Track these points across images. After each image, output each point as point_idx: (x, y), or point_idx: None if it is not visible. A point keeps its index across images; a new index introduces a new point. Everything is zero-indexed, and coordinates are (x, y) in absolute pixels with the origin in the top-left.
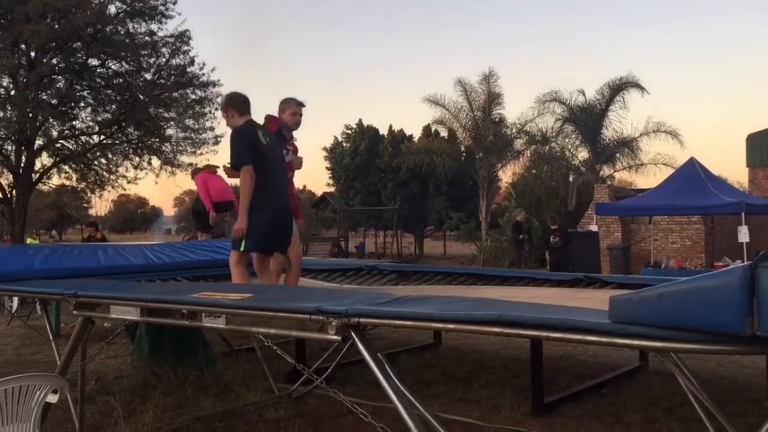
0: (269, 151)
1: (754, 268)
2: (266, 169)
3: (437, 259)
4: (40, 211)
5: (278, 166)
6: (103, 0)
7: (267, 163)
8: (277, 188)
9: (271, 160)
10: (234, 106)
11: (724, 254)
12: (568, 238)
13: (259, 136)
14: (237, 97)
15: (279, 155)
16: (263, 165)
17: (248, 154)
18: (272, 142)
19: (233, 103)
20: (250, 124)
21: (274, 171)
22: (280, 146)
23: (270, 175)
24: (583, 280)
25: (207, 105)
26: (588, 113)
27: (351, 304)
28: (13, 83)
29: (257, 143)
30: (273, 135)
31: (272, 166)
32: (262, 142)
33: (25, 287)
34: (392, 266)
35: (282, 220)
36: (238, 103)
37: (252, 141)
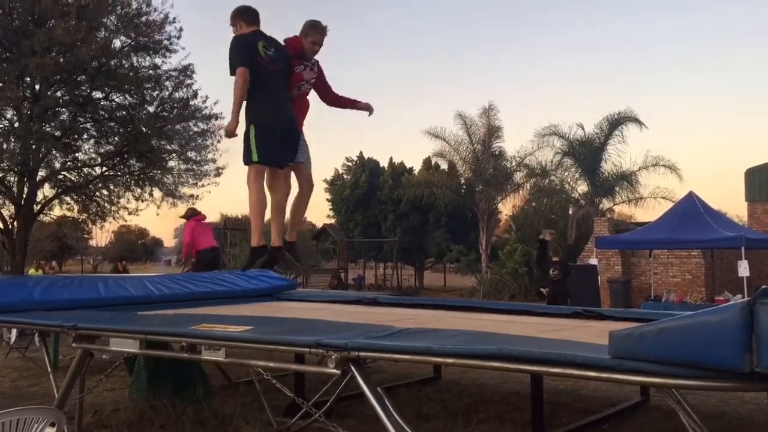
0: (269, 63)
1: (753, 304)
2: (266, 83)
3: (437, 291)
4: (41, 242)
5: (281, 79)
6: (108, 34)
7: (267, 75)
8: (277, 101)
9: (273, 73)
10: (242, 16)
11: (724, 288)
12: (567, 271)
13: (259, 47)
14: (246, 8)
15: (283, 68)
16: (263, 77)
17: (242, 59)
18: (274, 56)
19: (242, 14)
20: (253, 32)
21: (275, 84)
22: (288, 61)
23: (272, 87)
24: (583, 313)
25: (209, 137)
26: (587, 147)
27: (351, 337)
28: (17, 115)
29: (255, 53)
30: (277, 49)
31: (274, 79)
32: (261, 54)
33: (24, 318)
34: (392, 299)
35: (287, 131)
36: (246, 14)
37: (250, 50)
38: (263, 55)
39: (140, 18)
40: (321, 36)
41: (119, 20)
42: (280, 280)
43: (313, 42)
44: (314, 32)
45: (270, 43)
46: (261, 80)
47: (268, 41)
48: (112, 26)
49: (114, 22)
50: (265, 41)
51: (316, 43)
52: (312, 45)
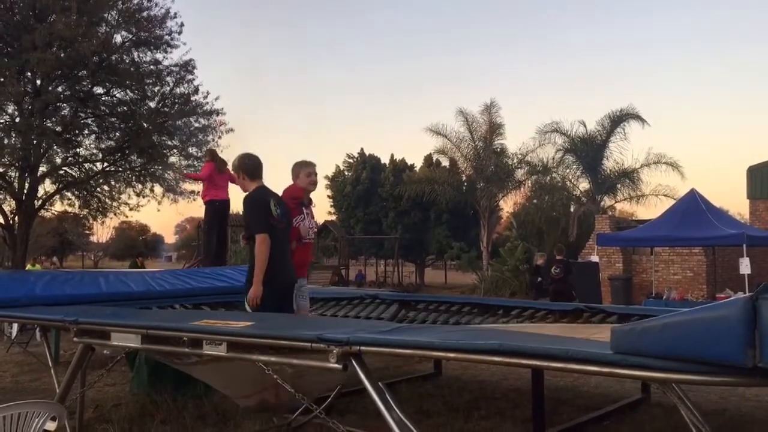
0: (278, 222)
1: (756, 299)
2: (275, 242)
3: (438, 288)
4: (42, 238)
5: (285, 238)
6: (109, 29)
7: (276, 235)
8: (283, 261)
9: (280, 231)
10: (245, 171)
11: (725, 286)
12: (568, 269)
13: (271, 206)
14: (250, 161)
15: (287, 224)
16: (273, 237)
17: (265, 222)
18: (281, 214)
19: (244, 168)
20: (263, 190)
21: (281, 243)
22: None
23: (277, 247)
24: (585, 310)
25: (210, 133)
26: (589, 144)
27: (352, 332)
28: (18, 110)
29: (268, 214)
30: (284, 206)
31: (280, 239)
32: (273, 214)
33: (26, 313)
34: (393, 295)
35: (284, 297)
36: (248, 168)
37: (267, 212)
38: (275, 215)
39: (141, 13)
40: (313, 167)
41: (120, 15)
42: None
43: (308, 174)
44: (305, 166)
45: (277, 201)
46: (273, 242)
47: (276, 200)
48: (113, 21)
49: (115, 17)
50: (274, 200)
51: (311, 174)
52: (308, 177)
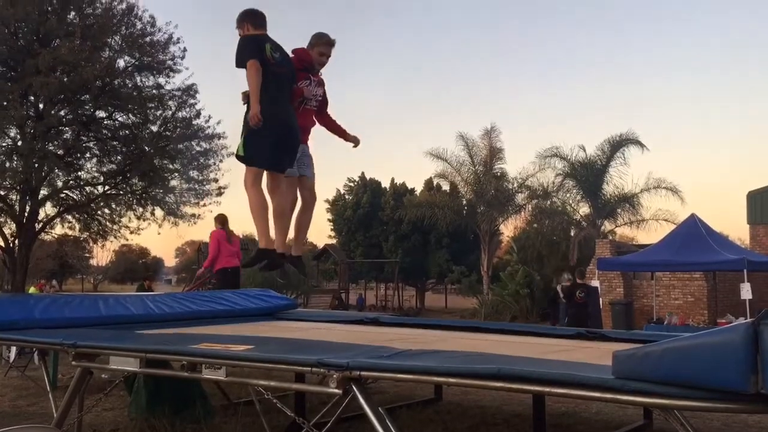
0: (275, 66)
1: (758, 325)
2: (270, 83)
3: (438, 312)
4: (42, 261)
5: (284, 83)
6: (112, 54)
7: (272, 76)
8: (279, 103)
9: (277, 75)
10: (250, 19)
11: (726, 311)
12: (590, 294)
13: (267, 48)
14: (254, 11)
15: (287, 73)
16: (268, 78)
17: (254, 52)
18: (280, 59)
19: (249, 17)
20: (262, 35)
21: (278, 86)
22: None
23: (274, 90)
24: (586, 335)
25: (211, 156)
26: (589, 169)
27: (352, 356)
28: (21, 134)
29: (262, 53)
30: (282, 54)
31: (277, 81)
32: (268, 54)
33: (24, 336)
34: (393, 319)
35: (288, 135)
36: (254, 17)
37: (259, 48)
38: (270, 56)
39: (144, 38)
40: (329, 47)
41: (124, 40)
42: (280, 300)
43: (321, 53)
44: (322, 43)
45: (276, 46)
46: (266, 81)
47: (274, 45)
48: (116, 46)
49: (118, 42)
50: (272, 44)
51: (323, 54)
52: (320, 56)
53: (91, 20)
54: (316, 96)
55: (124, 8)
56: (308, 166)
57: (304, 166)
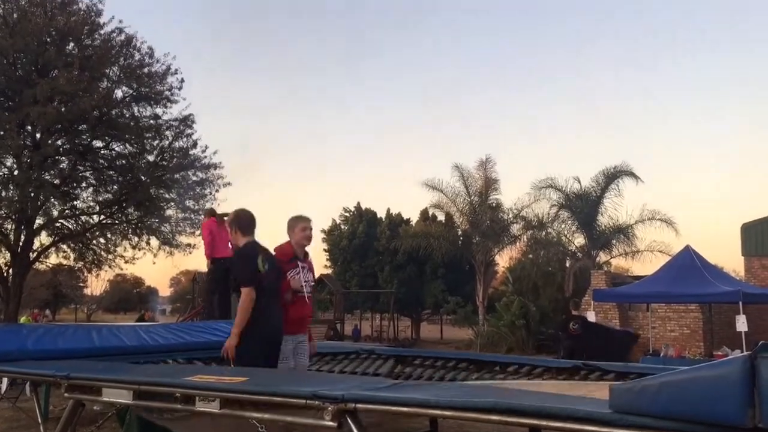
0: (265, 279)
1: (754, 358)
2: (260, 298)
3: (434, 343)
4: (36, 291)
5: (273, 293)
6: (110, 85)
7: (262, 291)
8: (268, 315)
9: (267, 286)
10: (238, 225)
11: (722, 343)
12: (586, 326)
13: (258, 263)
14: (243, 216)
15: (275, 279)
16: (259, 291)
17: (252, 276)
18: (269, 270)
19: (238, 222)
20: (252, 245)
21: (268, 298)
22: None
23: (264, 304)
24: (582, 368)
25: (207, 186)
26: (583, 200)
27: (348, 389)
28: (17, 163)
29: (255, 268)
30: (273, 262)
31: (266, 295)
32: (260, 270)
33: (16, 368)
34: (389, 350)
35: (270, 351)
36: (242, 223)
37: (255, 266)
38: (262, 270)
39: (143, 69)
40: (308, 222)
41: (122, 71)
42: None
43: (303, 228)
44: (300, 221)
45: (265, 257)
46: (258, 294)
47: (264, 255)
48: (114, 77)
49: (117, 73)
50: (263, 255)
51: (305, 229)
52: (303, 231)
53: (89, 51)
54: (308, 282)
55: (123, 39)
56: (303, 356)
57: (299, 356)
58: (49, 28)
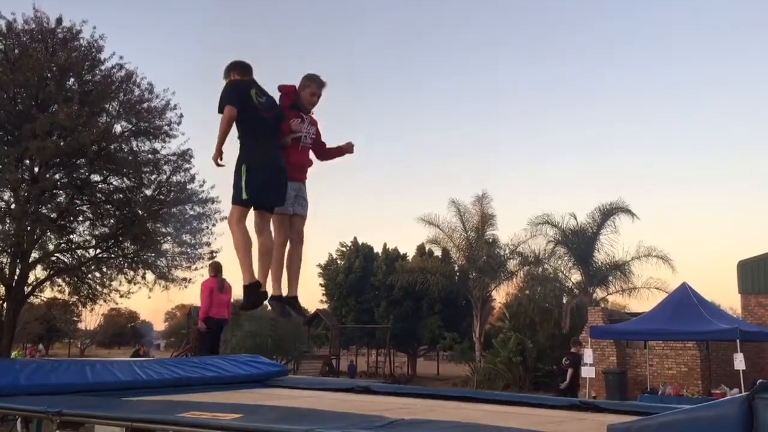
0: (261, 111)
1: (752, 399)
2: (257, 129)
3: (430, 379)
4: (29, 325)
5: (271, 127)
6: (109, 119)
7: (259, 122)
8: (268, 147)
9: (264, 119)
10: (236, 69)
11: (720, 381)
12: (576, 363)
13: (251, 94)
14: (240, 61)
15: (274, 116)
16: (254, 123)
17: (233, 99)
18: (266, 104)
19: (236, 67)
20: (247, 80)
21: (264, 131)
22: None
23: (262, 135)
24: (580, 405)
25: (205, 221)
26: (580, 236)
27: (344, 427)
28: (15, 197)
29: (246, 98)
30: (268, 98)
31: (265, 126)
32: (254, 100)
33: (8, 404)
34: (385, 387)
35: (277, 176)
36: (240, 67)
37: (241, 93)
38: (255, 101)
39: (142, 104)
40: (319, 87)
41: (121, 106)
42: (271, 367)
43: (312, 93)
44: (312, 84)
45: (262, 92)
46: (252, 126)
47: (259, 90)
48: (113, 112)
49: (116, 108)
50: (257, 89)
51: (314, 95)
52: (310, 96)
53: (90, 86)
54: (309, 133)
55: (123, 75)
56: (302, 206)
57: (298, 206)
58: (50, 64)
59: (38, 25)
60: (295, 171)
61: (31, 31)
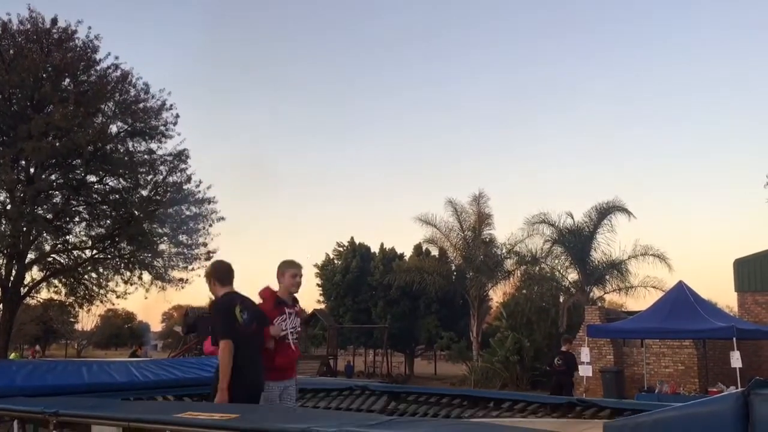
0: (244, 328)
1: (748, 395)
2: (239, 348)
3: (428, 379)
4: (26, 326)
5: (252, 344)
6: (105, 120)
7: (241, 340)
8: (249, 366)
9: (244, 337)
10: (215, 276)
11: (717, 379)
12: (570, 362)
13: (236, 313)
14: (220, 267)
15: (255, 329)
16: (237, 342)
17: (229, 328)
18: (248, 319)
19: (215, 274)
20: (229, 296)
21: (248, 348)
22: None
23: (243, 353)
24: (577, 404)
25: (201, 221)
26: (576, 235)
27: (340, 425)
28: (10, 198)
29: (233, 320)
30: (254, 310)
31: (246, 344)
32: (238, 320)
33: (4, 405)
34: (382, 386)
35: (255, 393)
36: (219, 274)
37: (232, 316)
38: (239, 320)
39: (138, 105)
40: (299, 269)
41: (117, 106)
42: None
43: (293, 275)
44: (291, 269)
45: (244, 306)
46: (235, 345)
47: (243, 303)
48: (109, 112)
49: (112, 108)
50: (241, 303)
51: (295, 276)
52: (293, 278)
53: (85, 87)
54: (295, 327)
55: (119, 75)
56: (291, 401)
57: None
58: (45, 64)
59: (33, 26)
60: (281, 371)
61: (26, 31)
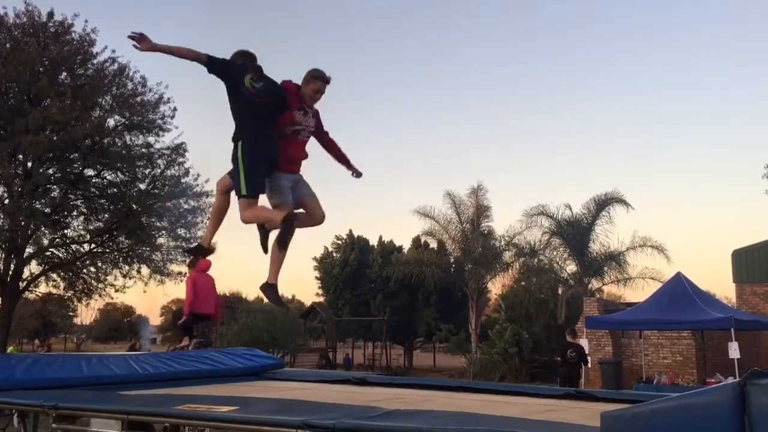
0: (255, 96)
1: (744, 385)
2: (251, 117)
3: (427, 371)
4: (25, 320)
5: (266, 114)
6: (102, 113)
7: (253, 109)
8: (262, 138)
9: (258, 106)
10: (239, 56)
11: (716, 370)
12: (582, 354)
13: (246, 79)
14: (243, 50)
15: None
16: (248, 111)
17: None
18: (261, 90)
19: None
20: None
21: (260, 119)
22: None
23: (255, 124)
24: (575, 395)
25: (199, 214)
26: (575, 227)
27: (339, 417)
28: (8, 192)
29: (239, 83)
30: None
31: (258, 113)
32: (247, 85)
33: (4, 398)
34: (381, 379)
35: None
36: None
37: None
38: (249, 86)
39: (135, 98)
40: (323, 84)
41: (114, 100)
42: (267, 359)
43: (315, 90)
44: (316, 81)
45: (260, 77)
46: (247, 115)
47: (258, 75)
48: (107, 106)
49: (109, 102)
50: (256, 75)
51: (317, 92)
52: (313, 93)
53: (82, 80)
54: (308, 126)
55: (116, 69)
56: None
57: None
58: (41, 58)
59: (30, 19)
60: (292, 163)
61: (22, 25)
